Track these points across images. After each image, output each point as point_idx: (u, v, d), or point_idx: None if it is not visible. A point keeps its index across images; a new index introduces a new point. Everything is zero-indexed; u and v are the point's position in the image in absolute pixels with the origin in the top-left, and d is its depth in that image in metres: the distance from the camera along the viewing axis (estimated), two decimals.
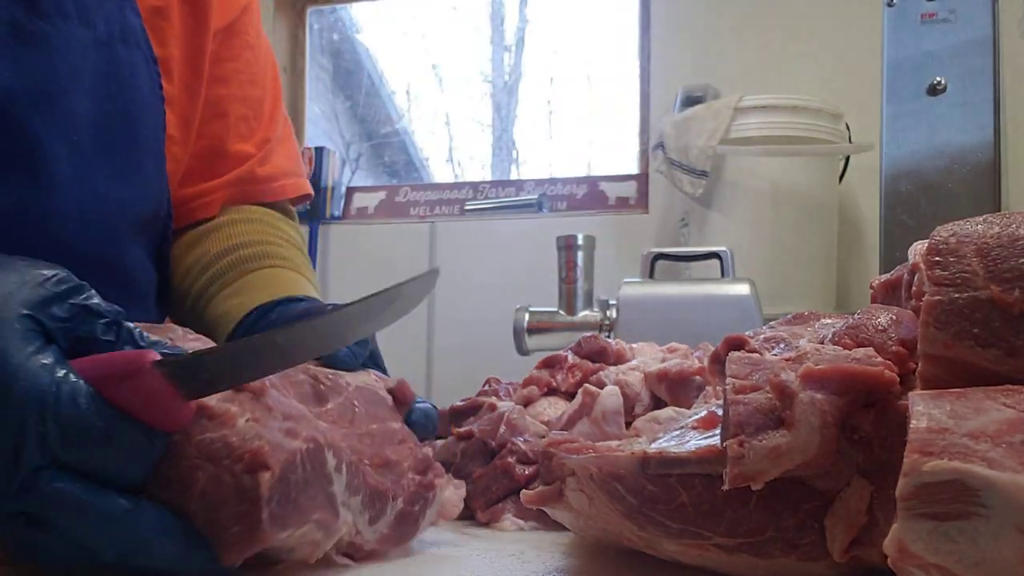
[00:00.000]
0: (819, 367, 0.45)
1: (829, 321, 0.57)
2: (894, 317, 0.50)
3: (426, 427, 0.66)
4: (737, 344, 0.54)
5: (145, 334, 0.48)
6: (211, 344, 0.54)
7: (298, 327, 0.47)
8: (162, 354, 0.45)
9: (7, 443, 0.41)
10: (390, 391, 0.65)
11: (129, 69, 0.78)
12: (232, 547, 0.45)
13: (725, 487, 0.44)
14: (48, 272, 0.46)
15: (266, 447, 0.45)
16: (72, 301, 0.46)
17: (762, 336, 0.55)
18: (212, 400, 0.46)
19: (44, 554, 0.44)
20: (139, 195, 0.81)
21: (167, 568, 0.45)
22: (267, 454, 0.45)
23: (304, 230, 1.09)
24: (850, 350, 0.48)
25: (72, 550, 0.43)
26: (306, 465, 0.49)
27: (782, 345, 0.53)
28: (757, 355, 0.50)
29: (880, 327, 0.49)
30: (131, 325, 0.48)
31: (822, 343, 0.51)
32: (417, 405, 0.66)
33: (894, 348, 0.48)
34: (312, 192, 1.03)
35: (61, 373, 0.42)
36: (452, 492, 0.66)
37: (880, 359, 0.46)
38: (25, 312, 0.44)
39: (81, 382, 0.43)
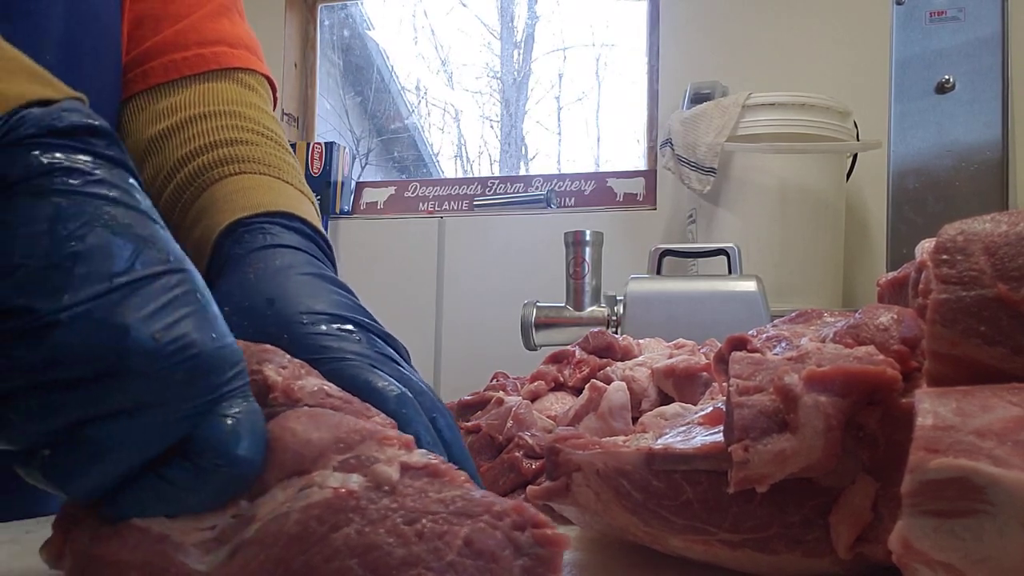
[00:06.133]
0: (822, 368, 0.44)
1: (831, 319, 0.56)
2: (895, 316, 0.50)
3: None
4: (739, 344, 0.54)
5: None
6: (314, 373, 0.46)
7: None
8: None
9: None
10: None
11: None
12: None
13: (730, 490, 0.44)
14: None
15: None
16: None
17: (764, 336, 0.55)
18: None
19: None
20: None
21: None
22: None
23: None
24: (851, 349, 0.48)
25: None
26: None
27: (784, 344, 0.53)
28: (759, 355, 0.50)
29: (882, 326, 0.49)
30: None
31: (823, 342, 0.51)
32: None
33: (896, 347, 0.48)
34: (273, 79, 0.84)
35: None
36: None
37: (882, 357, 0.46)
38: None
39: None
